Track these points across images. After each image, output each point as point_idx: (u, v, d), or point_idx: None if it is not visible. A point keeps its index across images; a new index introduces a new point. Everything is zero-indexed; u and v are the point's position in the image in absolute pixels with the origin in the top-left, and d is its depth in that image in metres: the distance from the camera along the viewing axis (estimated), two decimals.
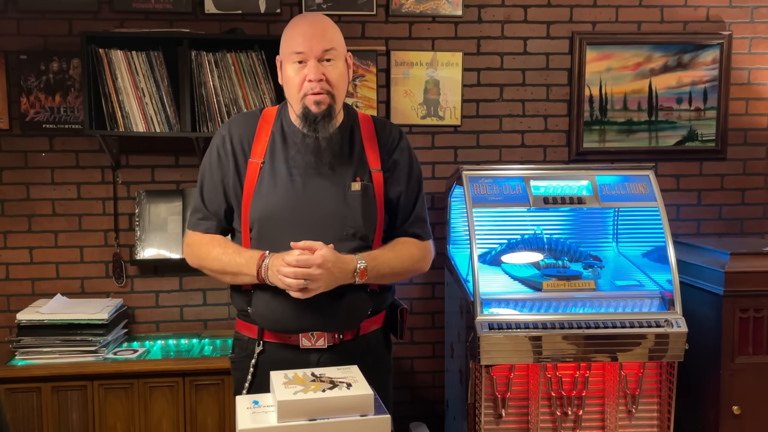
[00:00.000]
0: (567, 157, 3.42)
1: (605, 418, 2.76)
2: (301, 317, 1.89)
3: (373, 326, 2.02)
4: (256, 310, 1.94)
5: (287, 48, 1.91)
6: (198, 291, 3.31)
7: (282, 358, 1.90)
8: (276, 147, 1.95)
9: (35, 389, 2.83)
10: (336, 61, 1.89)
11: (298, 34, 1.88)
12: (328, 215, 1.89)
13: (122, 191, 3.25)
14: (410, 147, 2.07)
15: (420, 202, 2.05)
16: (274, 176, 1.92)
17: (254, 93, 3.05)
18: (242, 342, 2.02)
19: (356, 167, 1.94)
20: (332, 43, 1.89)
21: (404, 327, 2.08)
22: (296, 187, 1.90)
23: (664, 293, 2.75)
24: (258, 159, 1.94)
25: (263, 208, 1.91)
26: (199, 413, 2.91)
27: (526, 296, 2.77)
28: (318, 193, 1.90)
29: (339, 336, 1.93)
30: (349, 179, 1.92)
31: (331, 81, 1.88)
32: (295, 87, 1.89)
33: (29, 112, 3.16)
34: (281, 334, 1.94)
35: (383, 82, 3.31)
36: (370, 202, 1.93)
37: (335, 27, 1.94)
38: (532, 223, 3.10)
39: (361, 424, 1.51)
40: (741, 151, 3.49)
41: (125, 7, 3.17)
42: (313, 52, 1.86)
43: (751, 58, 3.45)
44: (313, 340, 1.92)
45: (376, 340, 2.04)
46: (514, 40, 3.37)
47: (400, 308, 2.07)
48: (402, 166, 2.01)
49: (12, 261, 3.22)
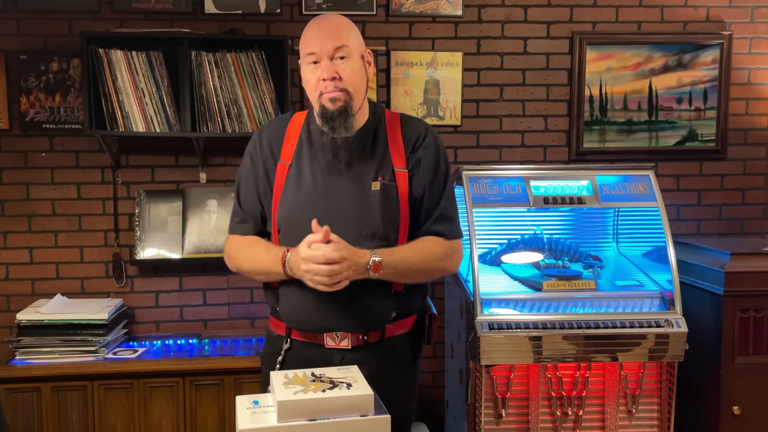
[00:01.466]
0: (567, 157, 3.42)
1: (605, 418, 2.76)
2: (323, 316, 1.90)
3: (399, 330, 1.99)
4: (283, 308, 1.96)
5: (302, 50, 1.91)
6: (198, 291, 3.31)
7: (307, 356, 1.91)
8: (302, 149, 1.97)
9: (35, 389, 2.83)
10: (349, 58, 1.88)
11: (311, 36, 1.89)
12: (347, 215, 1.89)
13: (122, 191, 3.25)
14: (438, 143, 2.02)
15: (446, 200, 2.00)
16: (299, 177, 1.94)
17: (254, 93, 3.05)
18: (272, 338, 2.04)
19: (378, 166, 1.93)
20: (344, 40, 1.87)
21: (433, 332, 2.06)
22: (318, 187, 1.92)
23: (664, 293, 2.75)
24: (286, 161, 1.96)
25: (288, 209, 1.93)
26: (199, 413, 2.90)
27: (526, 296, 2.77)
28: (338, 193, 1.91)
29: (363, 337, 1.93)
30: (369, 179, 1.92)
31: (345, 78, 1.87)
32: (312, 88, 1.90)
33: (29, 112, 3.16)
34: (307, 332, 1.95)
35: (383, 82, 3.31)
36: (391, 202, 1.92)
37: (350, 25, 1.92)
38: (532, 223, 3.10)
39: (361, 424, 1.51)
40: (741, 151, 3.49)
41: (125, 7, 3.17)
42: (325, 51, 1.86)
43: (751, 58, 3.45)
44: (337, 340, 1.92)
45: (402, 344, 2.01)
46: (514, 40, 3.37)
47: (428, 314, 2.05)
48: (426, 163, 1.97)
49: (12, 261, 3.22)
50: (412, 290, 2.00)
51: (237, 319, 3.34)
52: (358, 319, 1.91)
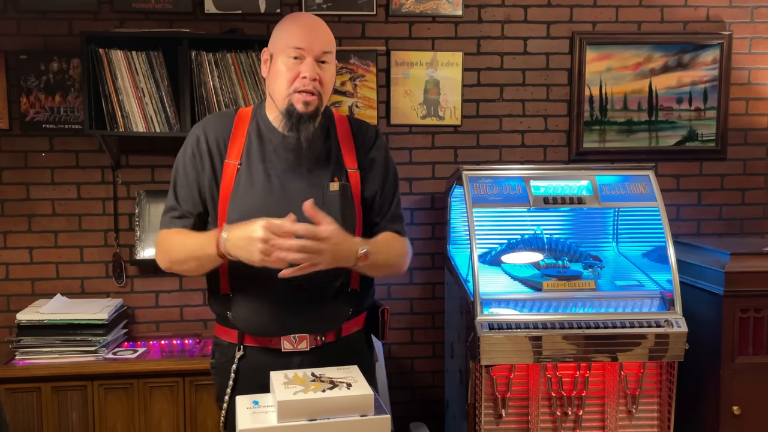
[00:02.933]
0: (567, 157, 3.42)
1: (605, 418, 2.76)
2: (283, 320, 1.87)
3: (354, 327, 2.00)
4: (237, 314, 1.91)
5: (283, 41, 1.85)
6: (198, 291, 3.31)
7: (263, 362, 1.87)
8: (252, 147, 1.91)
9: (35, 389, 2.83)
10: (330, 64, 1.89)
11: (298, 29, 1.85)
12: (306, 218, 1.85)
13: (122, 191, 3.25)
14: (386, 145, 2.05)
15: (397, 200, 2.02)
16: (251, 178, 1.88)
17: (254, 93, 3.05)
18: (222, 347, 1.98)
19: (333, 167, 1.92)
20: (330, 46, 1.87)
21: (386, 327, 2.05)
22: (274, 188, 1.87)
23: (664, 293, 2.75)
24: (234, 160, 1.90)
25: (241, 210, 1.86)
26: (199, 413, 2.90)
27: (526, 296, 2.77)
28: (296, 194, 1.86)
29: (321, 338, 1.91)
30: (327, 179, 1.90)
31: (324, 83, 1.86)
32: (285, 82, 1.84)
33: (29, 112, 3.16)
34: (262, 338, 1.91)
35: (383, 82, 3.31)
36: (348, 202, 1.91)
37: (329, 30, 1.92)
38: (532, 223, 3.10)
39: (361, 424, 1.51)
40: (741, 151, 3.49)
41: (125, 7, 3.17)
42: (313, 50, 1.83)
43: (751, 58, 3.45)
44: (295, 343, 1.89)
45: (358, 341, 2.02)
46: (514, 40, 3.37)
47: (381, 308, 2.04)
48: (378, 164, 1.99)
49: (12, 261, 3.22)
50: (366, 288, 2.00)
51: None
52: (318, 320, 1.90)
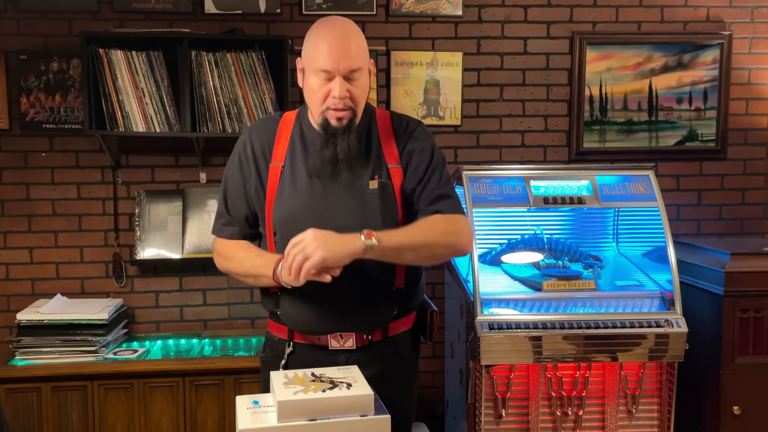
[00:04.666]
0: (567, 157, 3.42)
1: (605, 418, 2.76)
2: (327, 318, 1.91)
3: (402, 327, 2.01)
4: (284, 312, 1.95)
5: (312, 61, 1.85)
6: (198, 291, 3.31)
7: (311, 358, 1.91)
8: (296, 150, 1.95)
9: (35, 389, 2.83)
10: (361, 76, 1.87)
11: (325, 49, 1.82)
12: (348, 217, 1.88)
13: (122, 191, 3.25)
14: (428, 134, 2.01)
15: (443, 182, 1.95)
16: (294, 180, 1.92)
17: (254, 93, 3.05)
18: (273, 342, 2.03)
19: (374, 165, 1.93)
20: (359, 61, 1.84)
21: (434, 329, 2.07)
22: (315, 190, 1.90)
23: (664, 293, 2.75)
24: (278, 163, 1.94)
25: (284, 212, 1.91)
26: (199, 413, 2.90)
27: (526, 296, 2.77)
28: (337, 195, 1.90)
29: (367, 337, 1.93)
30: (367, 178, 1.91)
31: (355, 98, 1.86)
32: (317, 99, 1.86)
33: (29, 112, 3.16)
34: (310, 335, 1.95)
35: (383, 82, 3.31)
36: (388, 200, 1.92)
37: (360, 37, 1.88)
38: (532, 223, 3.10)
39: (361, 424, 1.51)
40: (741, 151, 3.49)
41: (125, 7, 3.17)
42: (340, 71, 1.82)
43: (751, 58, 3.45)
44: (341, 341, 1.92)
45: (405, 341, 2.03)
46: (514, 40, 3.36)
47: (430, 310, 2.05)
48: (417, 153, 1.96)
49: (12, 261, 3.22)
50: (413, 287, 2.01)
51: (237, 319, 3.34)
52: (362, 318, 1.92)
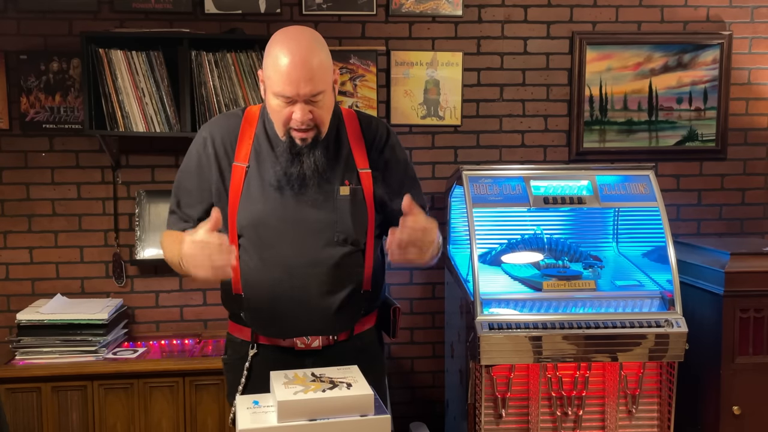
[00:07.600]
0: (567, 157, 3.42)
1: (605, 418, 2.76)
2: (296, 322, 1.88)
3: (366, 325, 2.01)
4: (250, 315, 1.92)
5: (272, 83, 1.77)
6: (198, 291, 3.31)
7: (276, 360, 1.88)
8: (262, 151, 1.89)
9: (35, 389, 2.83)
10: (324, 98, 1.79)
11: (283, 74, 1.74)
12: (318, 222, 1.86)
13: (122, 191, 3.25)
14: (398, 141, 2.01)
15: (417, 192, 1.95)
16: (261, 182, 1.87)
17: (254, 93, 3.05)
18: (235, 344, 1.99)
19: (344, 169, 1.90)
20: (321, 84, 1.77)
21: (397, 326, 2.06)
22: (284, 194, 1.85)
23: (664, 293, 2.75)
24: (243, 163, 1.88)
25: (251, 215, 1.86)
26: (199, 413, 2.90)
27: (526, 296, 2.77)
28: (307, 200, 1.86)
29: (333, 337, 1.92)
30: (337, 183, 1.88)
31: (319, 118, 1.81)
32: (279, 120, 1.82)
33: (29, 112, 3.16)
34: (275, 337, 1.92)
35: (383, 82, 3.31)
36: (359, 205, 1.90)
37: (322, 53, 1.78)
38: (532, 223, 3.09)
39: (361, 424, 1.51)
40: (741, 151, 3.49)
41: (125, 7, 3.17)
42: (300, 97, 1.76)
43: (751, 58, 3.45)
44: (308, 341, 1.90)
45: (370, 339, 2.03)
46: (514, 40, 3.36)
47: (393, 307, 2.04)
48: (393, 163, 1.96)
49: (12, 261, 3.22)
50: (378, 288, 2.01)
51: None
52: (330, 321, 1.90)
